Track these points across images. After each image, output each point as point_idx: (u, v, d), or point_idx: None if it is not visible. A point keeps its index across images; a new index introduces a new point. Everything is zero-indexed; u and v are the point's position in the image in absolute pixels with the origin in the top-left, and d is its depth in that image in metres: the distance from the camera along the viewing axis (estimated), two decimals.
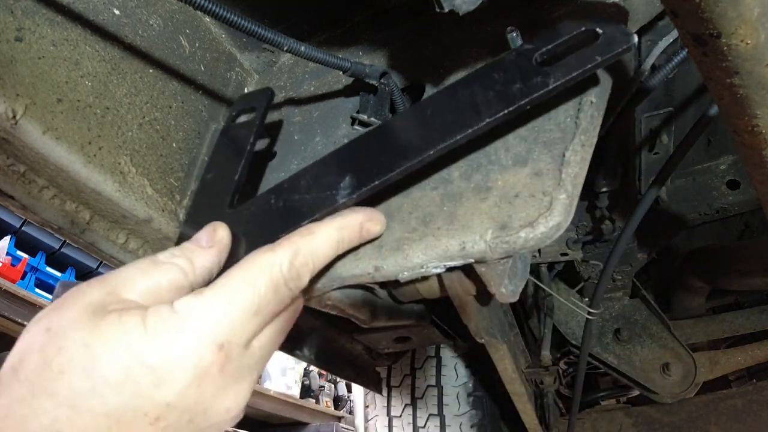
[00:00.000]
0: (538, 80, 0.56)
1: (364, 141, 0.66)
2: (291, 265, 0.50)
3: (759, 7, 0.38)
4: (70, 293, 0.47)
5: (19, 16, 0.64)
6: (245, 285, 0.47)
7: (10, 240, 3.77)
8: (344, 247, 0.59)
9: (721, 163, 1.41)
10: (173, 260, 0.51)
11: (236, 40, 1.03)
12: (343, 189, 0.60)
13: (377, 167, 0.60)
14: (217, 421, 0.48)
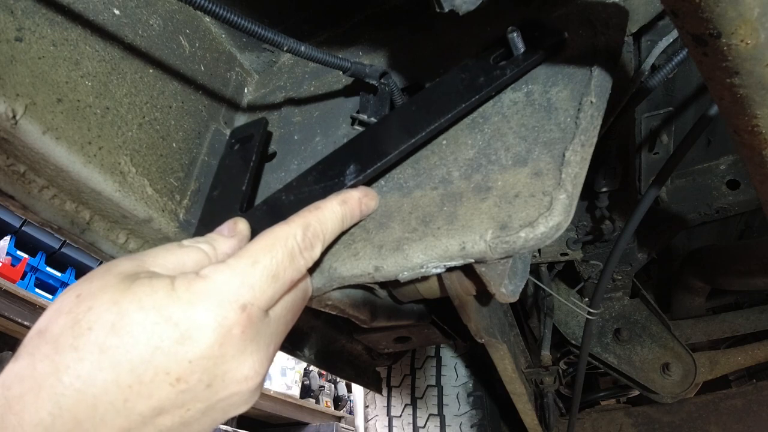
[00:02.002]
0: (497, 72, 0.69)
1: (361, 137, 0.75)
2: (304, 236, 0.55)
3: (759, 7, 0.38)
4: (101, 266, 0.50)
5: (19, 16, 0.64)
6: (265, 252, 0.51)
7: (10, 240, 3.77)
8: (348, 221, 0.64)
9: (721, 163, 1.41)
10: (197, 244, 0.56)
11: (236, 40, 1.03)
12: (349, 175, 0.67)
13: (376, 153, 0.68)
14: (235, 390, 0.49)
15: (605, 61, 0.68)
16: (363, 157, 0.69)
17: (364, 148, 0.71)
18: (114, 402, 0.43)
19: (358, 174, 0.67)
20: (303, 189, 0.70)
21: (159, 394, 0.44)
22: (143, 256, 0.52)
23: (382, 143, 0.69)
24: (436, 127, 0.67)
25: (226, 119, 1.00)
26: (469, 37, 0.83)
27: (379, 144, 0.69)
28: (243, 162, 0.83)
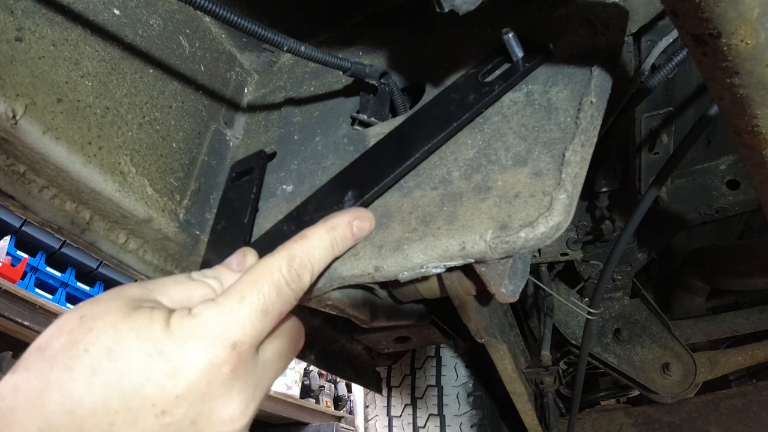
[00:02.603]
0: (486, 89, 0.71)
1: (357, 162, 0.76)
2: (289, 267, 0.55)
3: (759, 7, 0.38)
4: (109, 291, 0.50)
5: (19, 16, 0.64)
6: (251, 287, 0.51)
7: (10, 240, 3.77)
8: (340, 247, 0.63)
9: (721, 163, 1.41)
10: (204, 279, 0.57)
11: (236, 40, 1.03)
12: (347, 201, 0.68)
13: (372, 178, 0.69)
14: (219, 430, 0.49)
15: (605, 61, 0.68)
16: (360, 182, 0.70)
17: (360, 174, 0.72)
18: (100, 424, 0.43)
19: (356, 200, 0.68)
20: (304, 218, 0.71)
21: (144, 423, 0.44)
22: (153, 284, 0.53)
23: (378, 167, 0.71)
24: (429, 148, 0.69)
25: (226, 119, 1.00)
26: (469, 37, 0.83)
27: (375, 168, 0.71)
28: (244, 195, 0.84)
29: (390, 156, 0.71)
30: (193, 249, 0.87)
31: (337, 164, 0.82)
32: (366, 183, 0.69)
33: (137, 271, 0.86)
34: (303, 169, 0.86)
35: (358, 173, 0.73)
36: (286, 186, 0.85)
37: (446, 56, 0.83)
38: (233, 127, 1.01)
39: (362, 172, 0.73)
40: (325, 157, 0.85)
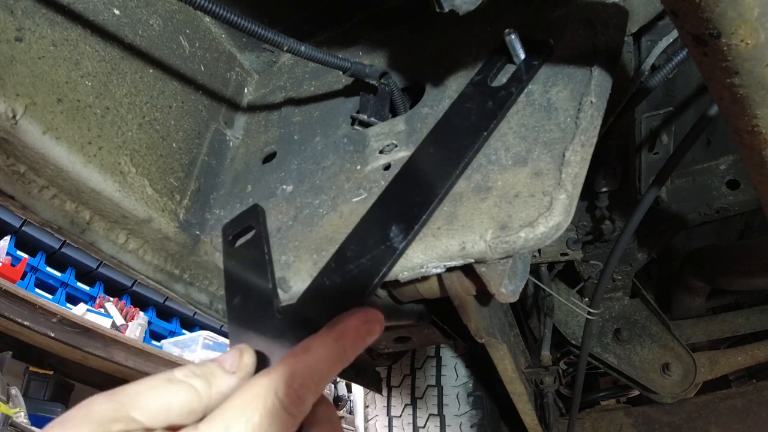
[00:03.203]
0: (503, 93, 0.69)
1: (389, 193, 0.68)
2: (288, 389, 0.45)
3: (759, 7, 0.38)
4: (78, 407, 0.44)
5: (19, 16, 0.64)
6: (239, 417, 0.43)
7: (10, 240, 3.77)
8: (349, 356, 0.52)
9: (721, 163, 1.41)
10: (190, 380, 0.48)
11: (236, 40, 1.03)
12: (396, 238, 0.61)
13: (416, 206, 0.63)
14: None
15: (605, 61, 0.68)
16: (401, 214, 0.63)
17: (397, 204, 0.65)
18: None
19: (406, 233, 0.61)
20: (348, 267, 0.61)
21: None
22: (127, 394, 0.45)
23: (418, 194, 0.64)
24: (467, 162, 0.65)
25: (226, 119, 1.00)
26: (469, 37, 0.83)
27: (412, 195, 0.64)
28: (256, 259, 0.72)
29: (424, 180, 0.66)
30: (193, 249, 0.87)
31: (337, 164, 0.82)
32: (408, 214, 0.62)
33: (137, 271, 0.86)
34: (303, 169, 0.86)
35: (395, 204, 0.66)
36: (286, 186, 0.85)
37: (446, 56, 0.83)
38: (233, 127, 1.01)
39: (399, 203, 0.65)
40: (325, 157, 0.85)
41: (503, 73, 0.73)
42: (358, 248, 0.62)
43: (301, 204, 0.80)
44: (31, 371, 3.30)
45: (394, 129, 0.80)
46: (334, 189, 0.78)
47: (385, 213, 0.65)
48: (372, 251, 0.60)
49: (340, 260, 0.63)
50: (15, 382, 3.05)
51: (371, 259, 0.59)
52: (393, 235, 0.61)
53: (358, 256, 0.61)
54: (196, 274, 0.98)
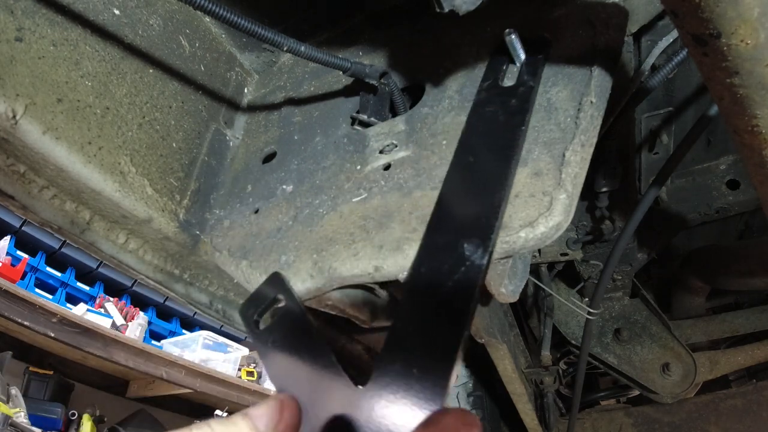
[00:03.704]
0: (522, 90, 0.66)
1: (440, 215, 0.62)
2: None
3: (759, 7, 0.38)
4: None
5: (19, 16, 0.64)
6: None
7: (10, 240, 3.77)
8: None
9: (721, 163, 1.40)
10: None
11: (236, 40, 1.03)
12: (473, 254, 0.54)
13: (482, 218, 0.57)
14: None
15: (605, 61, 0.68)
16: (468, 229, 0.56)
17: (459, 221, 0.59)
18: None
19: (484, 247, 0.54)
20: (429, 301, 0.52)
21: None
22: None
23: (475, 204, 0.59)
24: (516, 160, 0.61)
25: (226, 119, 1.00)
26: (469, 37, 0.83)
27: (472, 207, 0.59)
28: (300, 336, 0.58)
29: (475, 190, 0.61)
30: (193, 249, 0.87)
31: (337, 164, 0.82)
32: (477, 227, 0.56)
33: (137, 271, 0.86)
34: (303, 168, 0.86)
35: (452, 222, 0.59)
36: (286, 186, 0.85)
37: (446, 56, 0.83)
38: (233, 127, 1.01)
39: (457, 220, 0.59)
40: (325, 157, 0.85)
41: (510, 72, 0.73)
42: (432, 278, 0.54)
43: (301, 204, 0.80)
44: (31, 371, 3.30)
45: (394, 129, 0.80)
46: (334, 189, 0.78)
47: (446, 233, 0.58)
48: (452, 276, 0.53)
49: (417, 295, 0.54)
50: (15, 382, 3.05)
51: (456, 285, 0.52)
52: (469, 253, 0.54)
53: (437, 285, 0.53)
54: (196, 274, 0.98)
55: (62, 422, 3.23)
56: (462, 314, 0.49)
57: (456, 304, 0.50)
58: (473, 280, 0.51)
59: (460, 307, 0.50)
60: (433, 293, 0.52)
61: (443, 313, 0.50)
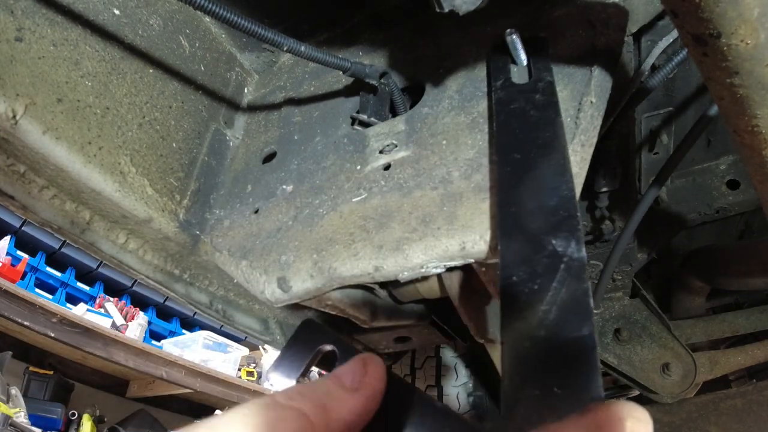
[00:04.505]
0: (541, 84, 0.65)
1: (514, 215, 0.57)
2: None
3: (759, 7, 0.38)
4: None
5: (19, 16, 0.64)
6: None
7: (10, 240, 3.77)
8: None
9: (721, 163, 1.40)
10: (296, 403, 0.35)
11: (236, 40, 1.03)
12: (566, 248, 0.49)
13: (560, 210, 0.53)
14: None
15: (605, 61, 0.68)
16: (551, 225, 0.52)
17: (537, 218, 0.54)
18: None
19: (577, 240, 0.50)
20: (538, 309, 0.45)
21: None
22: (208, 427, 0.34)
23: (546, 198, 0.54)
24: (567, 150, 0.58)
25: (226, 119, 1.00)
26: (469, 37, 0.83)
27: (544, 201, 0.55)
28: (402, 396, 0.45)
29: (539, 185, 0.57)
30: (193, 249, 0.87)
31: (337, 164, 0.82)
32: (560, 222, 0.52)
33: (137, 271, 0.86)
34: (303, 168, 0.86)
35: (531, 220, 0.54)
36: (286, 186, 0.85)
37: (446, 56, 0.83)
38: (233, 127, 1.01)
39: (534, 217, 0.54)
40: (325, 157, 0.85)
41: (513, 72, 0.73)
42: (530, 285, 0.48)
43: (301, 204, 0.80)
44: (31, 371, 3.30)
45: (394, 129, 0.80)
46: (334, 189, 0.78)
47: (525, 236, 0.53)
48: (551, 276, 0.47)
49: (521, 308, 0.47)
50: (15, 382, 3.05)
51: (560, 285, 0.46)
52: (562, 249, 0.49)
53: (541, 290, 0.47)
54: (196, 274, 0.98)
55: (62, 422, 3.23)
56: (586, 310, 0.43)
57: (574, 301, 0.44)
58: (580, 273, 0.46)
59: (582, 302, 0.44)
60: (539, 299, 0.45)
61: (563, 316, 0.43)
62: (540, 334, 0.42)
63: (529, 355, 0.41)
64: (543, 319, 0.43)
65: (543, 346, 0.42)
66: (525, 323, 0.44)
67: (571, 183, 0.54)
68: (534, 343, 0.42)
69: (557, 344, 0.41)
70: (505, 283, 0.48)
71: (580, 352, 0.40)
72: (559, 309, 0.44)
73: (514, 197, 0.57)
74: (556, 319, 0.43)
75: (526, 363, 0.41)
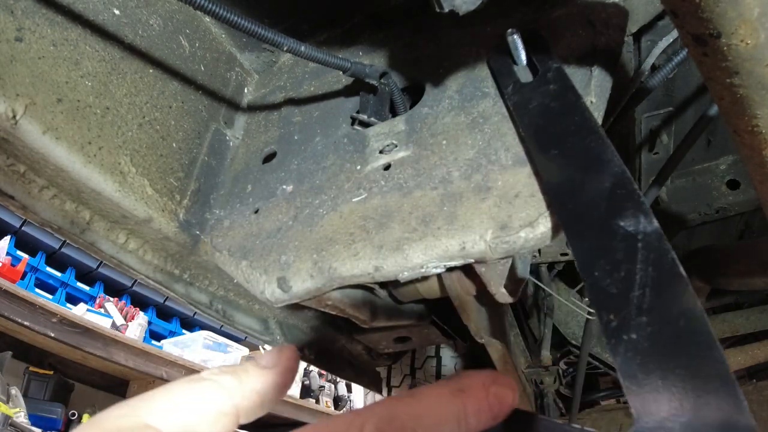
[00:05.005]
0: (551, 74, 0.66)
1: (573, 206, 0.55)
2: (376, 429, 0.34)
3: (759, 7, 0.38)
4: (96, 417, 0.39)
5: (19, 16, 0.64)
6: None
7: (10, 240, 3.77)
8: (470, 421, 0.38)
9: (721, 163, 1.40)
10: (217, 377, 0.41)
11: (236, 40, 1.03)
12: (638, 225, 0.47)
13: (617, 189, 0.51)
14: None
15: (605, 61, 0.68)
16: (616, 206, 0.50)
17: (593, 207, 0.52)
18: None
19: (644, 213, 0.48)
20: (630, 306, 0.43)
21: None
22: (140, 398, 0.39)
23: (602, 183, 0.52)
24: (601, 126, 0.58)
25: (226, 119, 1.00)
26: (469, 37, 0.83)
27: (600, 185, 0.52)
28: None
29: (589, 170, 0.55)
30: (193, 249, 0.87)
31: (337, 164, 0.82)
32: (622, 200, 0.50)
33: (137, 271, 0.86)
34: (303, 168, 0.86)
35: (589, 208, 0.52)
36: (286, 186, 0.85)
37: (446, 56, 0.83)
38: (233, 127, 1.01)
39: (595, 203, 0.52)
40: (325, 157, 0.85)
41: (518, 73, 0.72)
42: (614, 275, 0.46)
43: (301, 204, 0.80)
44: (31, 371, 3.30)
45: (394, 129, 0.80)
46: (334, 189, 0.78)
47: (590, 226, 0.51)
48: (633, 259, 0.45)
49: (609, 301, 0.45)
50: (15, 382, 3.05)
51: (645, 265, 0.44)
52: (633, 227, 0.47)
53: (624, 279, 0.45)
54: (196, 274, 0.98)
55: (62, 422, 3.23)
56: (680, 280, 0.41)
57: (666, 275, 0.42)
58: (661, 245, 0.44)
59: (673, 273, 0.42)
60: (630, 287, 0.43)
61: (659, 294, 0.42)
62: (642, 321, 0.41)
63: (639, 348, 0.39)
64: (640, 304, 0.41)
65: (649, 332, 0.40)
66: (624, 316, 0.42)
67: (617, 157, 0.52)
68: (639, 332, 0.40)
69: (663, 326, 0.40)
70: (590, 283, 0.46)
71: (688, 325, 0.38)
72: (653, 288, 0.42)
73: (569, 195, 0.55)
74: (654, 300, 0.41)
75: (637, 357, 0.39)
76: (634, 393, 0.37)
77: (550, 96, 0.65)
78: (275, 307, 0.93)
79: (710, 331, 0.38)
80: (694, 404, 0.35)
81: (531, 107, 0.66)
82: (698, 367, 0.36)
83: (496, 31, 0.78)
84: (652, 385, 0.37)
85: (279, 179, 0.87)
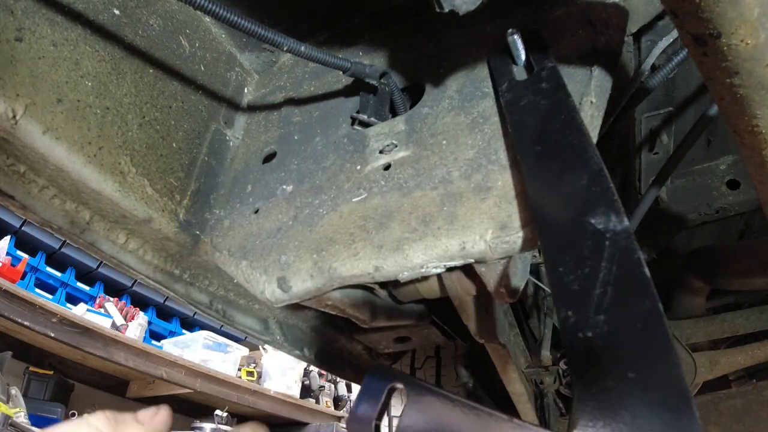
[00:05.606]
0: (545, 72, 0.65)
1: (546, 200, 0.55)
2: None
3: (759, 7, 0.38)
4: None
5: (19, 16, 0.64)
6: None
7: (10, 240, 3.77)
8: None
9: (721, 163, 1.40)
10: (96, 422, 0.51)
11: (236, 40, 1.03)
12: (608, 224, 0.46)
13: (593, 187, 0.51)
14: None
15: (605, 61, 0.68)
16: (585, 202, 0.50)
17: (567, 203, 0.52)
18: None
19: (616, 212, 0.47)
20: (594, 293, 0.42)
21: None
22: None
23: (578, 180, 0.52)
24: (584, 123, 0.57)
25: (226, 119, 1.00)
26: (469, 37, 0.83)
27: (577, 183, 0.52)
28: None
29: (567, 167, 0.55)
30: (193, 249, 0.87)
31: (337, 164, 0.82)
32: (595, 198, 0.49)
33: (137, 271, 0.86)
34: (303, 168, 0.86)
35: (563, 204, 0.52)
36: (286, 186, 0.85)
37: (446, 56, 0.83)
38: (233, 127, 1.01)
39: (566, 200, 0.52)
40: (325, 157, 0.85)
41: (516, 72, 0.72)
42: (577, 270, 0.45)
43: (301, 204, 0.80)
44: (31, 371, 3.29)
45: (394, 129, 0.80)
46: (334, 189, 0.78)
47: (560, 222, 0.51)
48: (599, 256, 0.44)
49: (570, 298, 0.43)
50: (15, 382, 3.05)
51: (609, 263, 0.43)
52: (603, 225, 0.46)
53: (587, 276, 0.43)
54: (196, 274, 0.98)
55: (62, 422, 3.22)
56: (643, 280, 0.40)
57: (629, 275, 0.41)
58: (628, 245, 0.43)
59: (636, 274, 0.41)
60: (592, 284, 0.42)
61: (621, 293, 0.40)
62: (600, 319, 0.39)
63: (593, 347, 0.38)
64: (600, 303, 0.40)
65: (605, 332, 0.39)
66: (582, 312, 0.41)
67: (596, 156, 0.51)
68: (596, 331, 0.39)
69: (620, 326, 0.38)
70: (553, 277, 0.45)
71: (646, 328, 0.37)
72: (615, 287, 0.41)
73: (545, 189, 0.55)
74: (614, 299, 0.40)
75: (591, 356, 0.38)
76: (583, 394, 0.36)
77: (541, 94, 0.65)
78: (275, 307, 0.93)
79: (668, 335, 0.37)
80: (643, 414, 0.33)
81: (522, 104, 0.66)
82: (651, 374, 0.35)
83: (496, 31, 0.78)
84: (601, 387, 0.36)
85: (279, 179, 0.87)
